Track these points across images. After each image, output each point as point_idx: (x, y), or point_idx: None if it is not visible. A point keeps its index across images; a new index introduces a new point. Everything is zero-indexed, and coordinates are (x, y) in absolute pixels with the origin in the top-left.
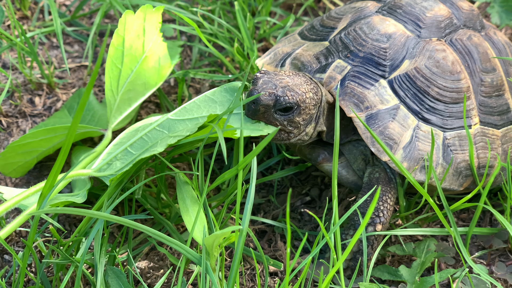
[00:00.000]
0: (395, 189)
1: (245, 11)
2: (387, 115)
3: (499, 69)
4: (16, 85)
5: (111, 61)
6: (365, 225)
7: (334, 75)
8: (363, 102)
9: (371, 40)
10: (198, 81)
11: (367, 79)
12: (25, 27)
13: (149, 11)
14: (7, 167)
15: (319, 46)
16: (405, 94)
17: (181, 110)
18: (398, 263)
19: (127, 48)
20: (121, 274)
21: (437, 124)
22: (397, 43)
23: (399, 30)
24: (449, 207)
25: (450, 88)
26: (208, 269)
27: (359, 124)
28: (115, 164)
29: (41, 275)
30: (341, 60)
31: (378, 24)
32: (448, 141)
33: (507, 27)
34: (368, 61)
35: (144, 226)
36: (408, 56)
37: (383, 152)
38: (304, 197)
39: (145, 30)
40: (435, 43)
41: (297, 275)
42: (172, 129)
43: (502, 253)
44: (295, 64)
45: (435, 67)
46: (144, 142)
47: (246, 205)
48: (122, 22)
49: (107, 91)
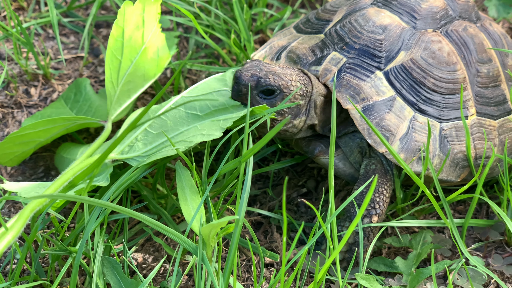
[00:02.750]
0: (391, 180)
1: (242, 3)
2: (384, 107)
3: (495, 60)
4: (12, 76)
5: (111, 53)
6: (361, 216)
7: (330, 67)
8: (359, 94)
9: (367, 32)
10: (195, 73)
11: (363, 71)
12: (21, 18)
13: (148, 2)
14: (5, 156)
15: (315, 39)
16: (401, 85)
17: (193, 89)
18: (394, 254)
19: (127, 39)
20: (116, 264)
21: (434, 115)
22: (393, 34)
23: (395, 22)
24: (445, 199)
25: (446, 79)
26: (204, 259)
27: (356, 116)
28: (137, 145)
29: (36, 266)
30: (336, 52)
31: (373, 15)
32: (445, 132)
33: (504, 20)
34: (363, 53)
35: (141, 214)
36: (404, 48)
37: (380, 144)
38: (300, 189)
39: (144, 21)
40: (431, 34)
41: (293, 266)
42: (188, 107)
43: (499, 245)
44: (291, 57)
45: (431, 58)
46: (163, 122)
47: (242, 195)
48: (122, 13)
49: (107, 82)
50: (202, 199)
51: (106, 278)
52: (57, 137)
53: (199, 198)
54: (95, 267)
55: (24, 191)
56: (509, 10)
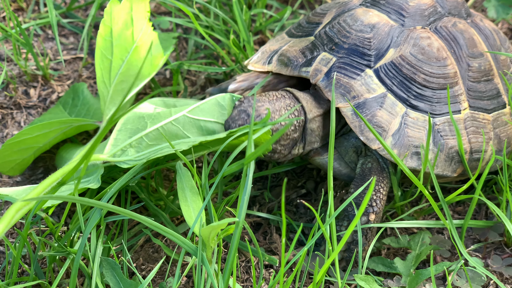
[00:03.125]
0: (388, 178)
1: (241, 3)
2: (375, 104)
3: (487, 54)
4: (11, 77)
5: (101, 52)
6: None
7: (320, 67)
8: (349, 92)
9: (355, 31)
10: (194, 74)
11: (353, 69)
12: (20, 19)
13: (136, 1)
14: (5, 165)
15: (305, 41)
16: (391, 82)
17: (195, 109)
18: (393, 255)
19: (116, 38)
20: (116, 265)
21: (426, 111)
22: (381, 32)
23: (383, 20)
24: (444, 199)
25: (437, 74)
26: (204, 260)
27: (347, 114)
28: (130, 151)
29: (35, 267)
30: (326, 52)
31: (362, 15)
32: (438, 126)
33: (503, 21)
34: (353, 52)
35: (140, 216)
36: (393, 45)
37: (373, 140)
38: (299, 190)
39: (133, 19)
40: (420, 31)
41: (293, 267)
42: (187, 128)
43: (498, 246)
44: (282, 60)
45: (421, 54)
46: (159, 134)
47: (242, 196)
48: (108, 12)
49: (99, 83)
50: (204, 204)
51: (105, 279)
52: (55, 142)
53: (199, 199)
54: (95, 268)
55: (16, 194)
56: (508, 11)
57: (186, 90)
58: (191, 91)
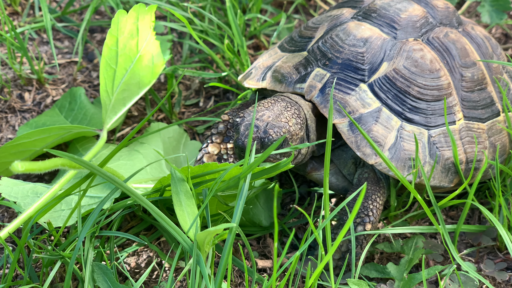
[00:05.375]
0: (384, 188)
1: (236, 8)
2: (370, 118)
3: (479, 63)
4: (6, 81)
5: (105, 62)
6: (355, 223)
7: (314, 83)
8: (345, 108)
9: (348, 46)
10: (189, 78)
11: (347, 85)
12: (15, 23)
13: (142, 11)
14: (1, 166)
15: (298, 56)
16: (386, 96)
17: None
18: (386, 260)
19: (121, 48)
20: (107, 270)
21: (421, 123)
22: (374, 46)
23: (375, 34)
24: (437, 204)
25: (431, 86)
26: (200, 261)
27: (343, 130)
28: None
29: (29, 270)
30: (320, 68)
31: (354, 29)
32: (434, 138)
33: (497, 26)
34: (346, 67)
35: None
36: (386, 59)
37: (369, 155)
38: (293, 194)
39: (138, 29)
40: (412, 43)
41: (286, 271)
42: None
43: (491, 250)
44: (276, 77)
45: (414, 66)
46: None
47: (238, 202)
48: (115, 22)
49: (102, 92)
50: (200, 211)
51: (97, 285)
52: (52, 146)
53: (194, 203)
54: (87, 273)
55: (21, 194)
56: (502, 16)
57: (181, 95)
58: (185, 95)
